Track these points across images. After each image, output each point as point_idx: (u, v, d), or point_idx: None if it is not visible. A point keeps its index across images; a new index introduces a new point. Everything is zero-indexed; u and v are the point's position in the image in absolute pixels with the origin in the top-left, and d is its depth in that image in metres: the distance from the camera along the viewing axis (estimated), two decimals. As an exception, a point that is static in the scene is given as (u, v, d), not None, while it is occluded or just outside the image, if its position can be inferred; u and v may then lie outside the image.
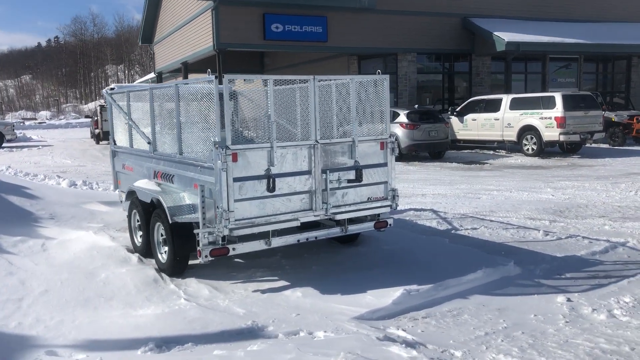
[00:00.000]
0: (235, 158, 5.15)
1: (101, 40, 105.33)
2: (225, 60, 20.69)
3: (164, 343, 4.37)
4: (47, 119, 57.12)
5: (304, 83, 5.64)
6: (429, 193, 11.12)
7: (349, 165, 5.86)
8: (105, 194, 10.11)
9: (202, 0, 20.61)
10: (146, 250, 6.50)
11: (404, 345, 4.11)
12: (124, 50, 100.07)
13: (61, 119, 57.46)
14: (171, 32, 26.64)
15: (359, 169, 5.85)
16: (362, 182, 5.91)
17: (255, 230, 5.41)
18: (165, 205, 5.74)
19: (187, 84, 6.04)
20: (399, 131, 16.92)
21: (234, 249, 5.40)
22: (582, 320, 4.71)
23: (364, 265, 6.15)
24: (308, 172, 5.60)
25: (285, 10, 20.61)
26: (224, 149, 5.08)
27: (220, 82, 5.08)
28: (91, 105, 70.76)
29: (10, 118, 34.56)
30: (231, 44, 20.37)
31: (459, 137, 19.80)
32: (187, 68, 25.47)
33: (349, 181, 5.83)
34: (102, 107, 27.71)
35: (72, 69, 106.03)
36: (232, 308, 5.06)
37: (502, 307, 5.06)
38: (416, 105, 19.56)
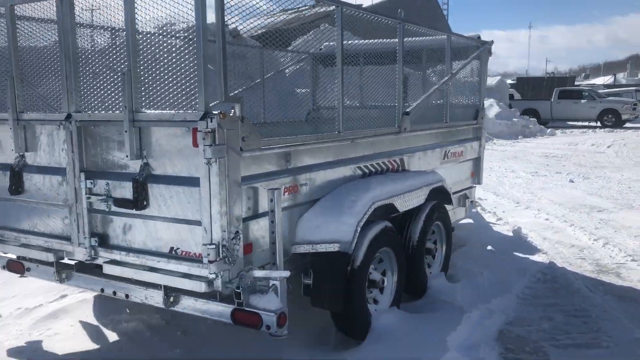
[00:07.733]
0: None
1: None
2: None
3: None
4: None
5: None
6: None
7: (124, 170, 2.81)
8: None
9: None
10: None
11: None
12: None
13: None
14: None
15: (140, 180, 2.71)
16: (148, 212, 2.73)
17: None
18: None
19: None
20: None
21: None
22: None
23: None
24: (62, 171, 3.06)
25: None
26: None
27: None
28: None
29: (632, 94, 25.58)
30: None
31: None
32: None
33: (117, 202, 2.80)
34: None
35: None
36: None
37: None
38: None
